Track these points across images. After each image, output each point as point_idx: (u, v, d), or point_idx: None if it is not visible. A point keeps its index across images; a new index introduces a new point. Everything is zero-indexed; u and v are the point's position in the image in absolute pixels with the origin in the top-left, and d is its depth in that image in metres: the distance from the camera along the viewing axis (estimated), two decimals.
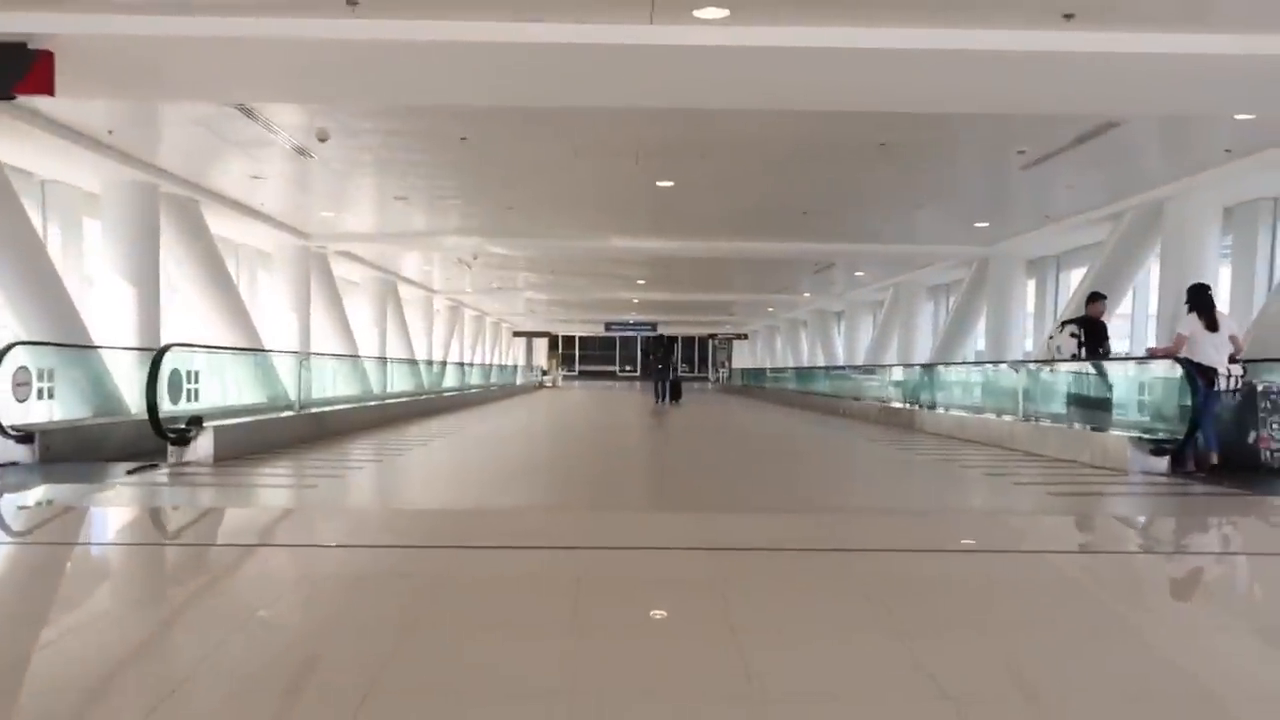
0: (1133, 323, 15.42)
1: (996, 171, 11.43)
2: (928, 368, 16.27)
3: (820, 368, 30.14)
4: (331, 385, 14.66)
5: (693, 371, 62.18)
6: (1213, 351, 8.29)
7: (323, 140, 10.25)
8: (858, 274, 24.23)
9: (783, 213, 14.87)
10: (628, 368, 62.31)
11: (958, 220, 15.41)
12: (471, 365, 34.68)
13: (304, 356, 13.15)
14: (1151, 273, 14.12)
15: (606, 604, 3.43)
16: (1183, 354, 8.36)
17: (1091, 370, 10.14)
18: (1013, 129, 9.40)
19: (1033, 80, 6.91)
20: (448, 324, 33.49)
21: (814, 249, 19.13)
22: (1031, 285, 19.07)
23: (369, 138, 10.55)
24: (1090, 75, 6.69)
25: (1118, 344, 13.09)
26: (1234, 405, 8.53)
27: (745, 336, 52.79)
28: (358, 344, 20.69)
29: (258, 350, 13.92)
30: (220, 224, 14.79)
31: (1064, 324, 10.48)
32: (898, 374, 18.24)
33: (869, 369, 21.87)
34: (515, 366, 46.35)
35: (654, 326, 48.71)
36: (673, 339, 28.17)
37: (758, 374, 40.09)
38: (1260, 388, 8.49)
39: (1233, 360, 8.32)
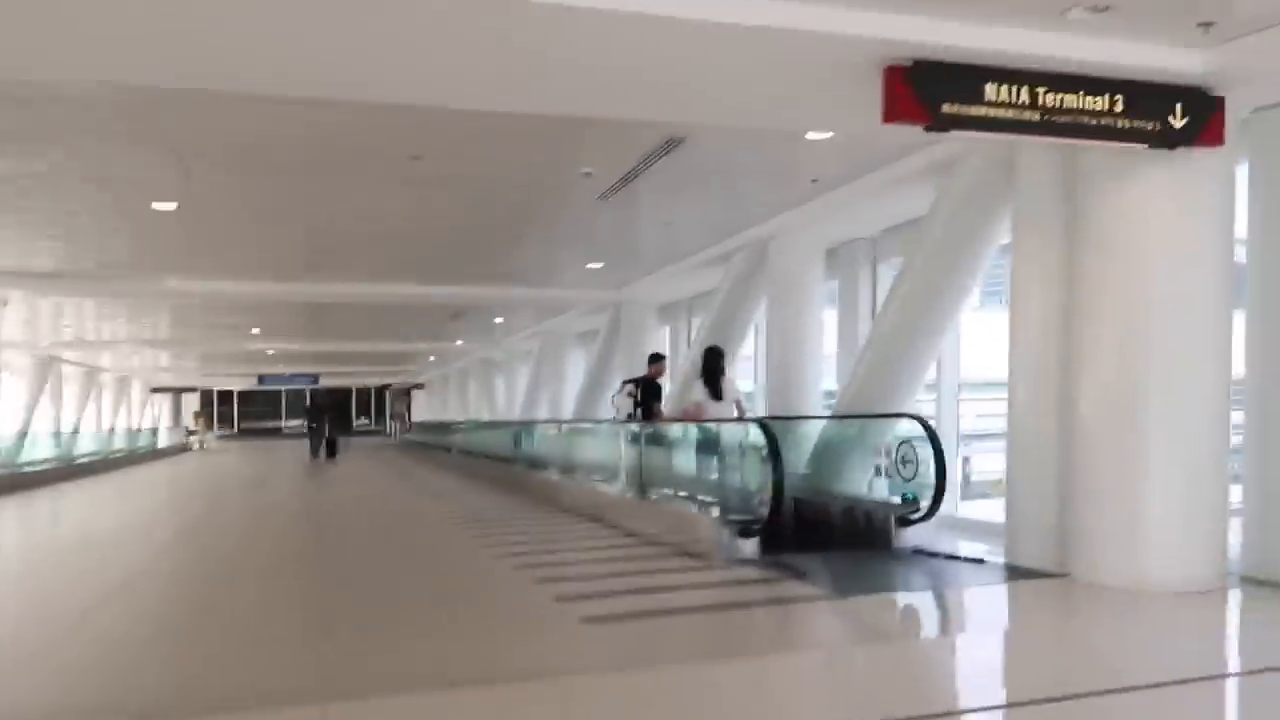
0: (755, 367, 14.60)
1: (576, 201, 9.79)
2: (527, 425, 14.72)
3: (462, 424, 28.40)
4: None
5: (373, 424, 58.48)
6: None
7: None
8: (496, 321, 22.46)
9: (369, 248, 12.61)
10: (294, 422, 57.13)
11: (568, 261, 13.90)
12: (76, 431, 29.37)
13: None
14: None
15: None
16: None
17: (681, 433, 8.81)
18: (571, 145, 7.74)
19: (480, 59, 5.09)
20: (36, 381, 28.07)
21: (442, 293, 17.09)
22: (666, 333, 18.10)
23: None
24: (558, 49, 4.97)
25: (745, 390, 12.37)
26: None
27: (422, 386, 50.04)
28: None
29: None
30: None
31: (624, 383, 9.76)
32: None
33: (490, 424, 20.39)
34: (155, 429, 41.04)
35: (315, 379, 44.84)
36: (331, 394, 25.93)
37: (435, 427, 37.77)
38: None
39: None
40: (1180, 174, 5.80)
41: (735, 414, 7.87)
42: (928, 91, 5.01)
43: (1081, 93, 5.29)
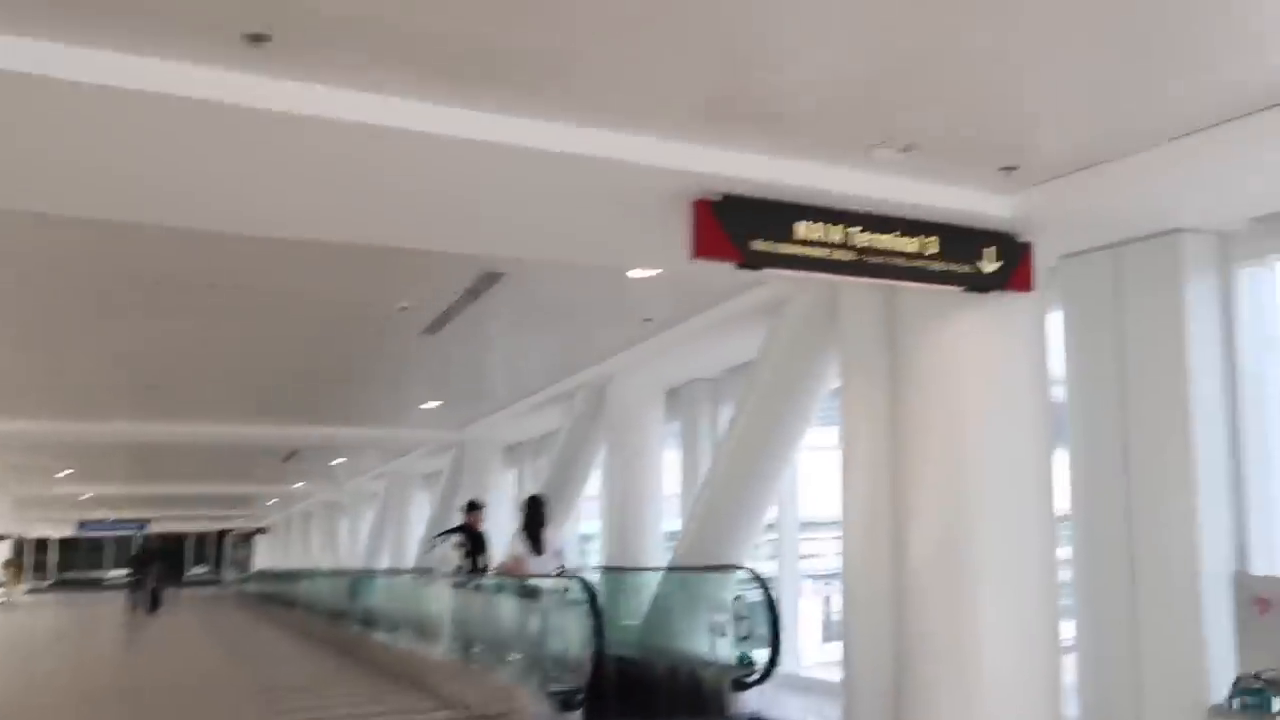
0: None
1: (398, 337, 9.25)
2: (359, 577, 13.73)
3: (302, 573, 26.60)
4: None
5: (214, 571, 54.50)
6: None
7: None
8: (335, 462, 21.32)
9: (181, 383, 11.66)
10: (119, 573, 52.56)
11: (402, 399, 13.24)
12: None
13: None
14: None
15: None
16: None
17: (502, 590, 8.14)
18: (380, 276, 7.26)
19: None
20: None
21: (271, 433, 16.06)
22: (513, 475, 17.42)
23: None
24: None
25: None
26: None
27: (265, 530, 47.12)
28: None
29: None
30: None
31: (445, 533, 9.13)
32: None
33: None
34: None
35: (144, 524, 41.67)
36: (163, 540, 24.13)
37: (275, 576, 35.24)
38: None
39: None
40: (995, 317, 5.75)
41: (556, 564, 7.28)
42: (738, 227, 4.80)
43: (895, 234, 5.19)
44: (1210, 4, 3.41)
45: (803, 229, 4.94)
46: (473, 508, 10.23)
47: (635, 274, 7.10)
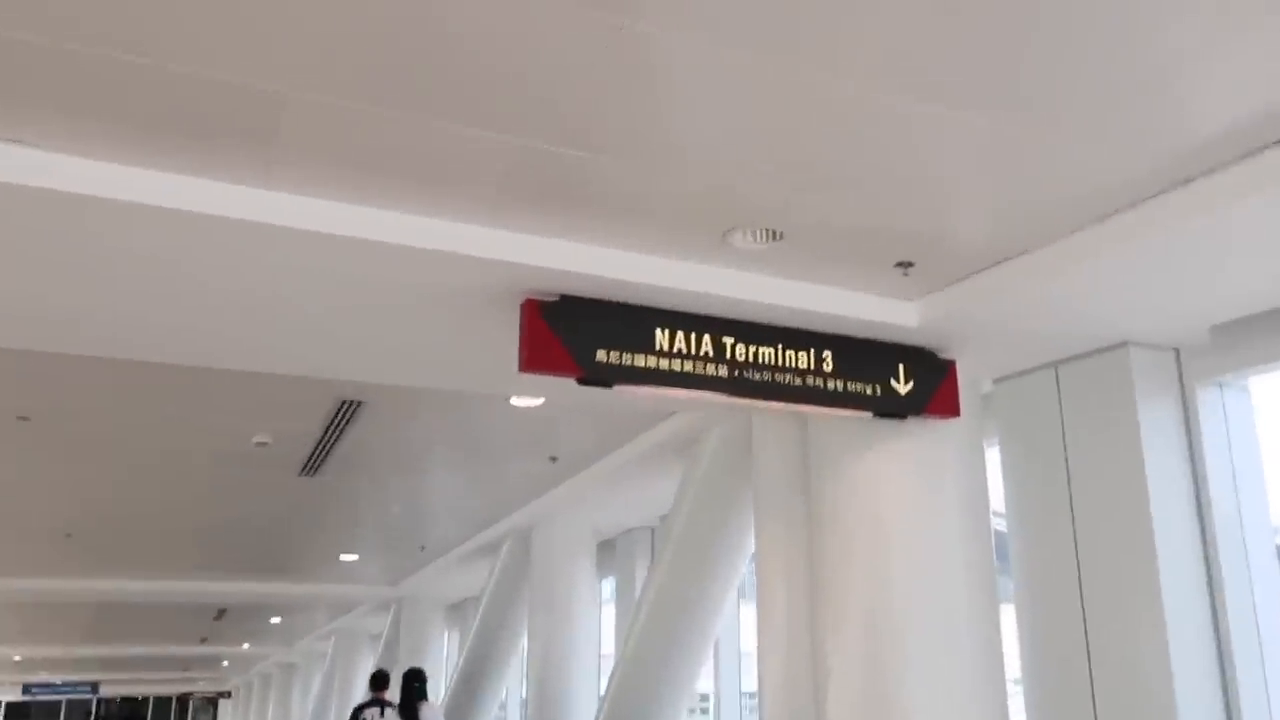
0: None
1: (271, 478, 8.23)
2: None
3: None
4: None
5: None
6: None
7: None
8: (273, 620, 19.85)
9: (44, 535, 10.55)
10: None
11: (316, 550, 12.08)
12: None
13: None
14: None
15: None
16: None
17: None
18: (231, 405, 6.34)
19: None
20: None
21: (194, 589, 14.80)
22: (457, 636, 16.04)
23: None
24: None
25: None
26: None
27: (229, 695, 44.57)
28: None
29: None
30: None
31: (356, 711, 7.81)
32: None
33: None
34: None
35: (94, 686, 39.38)
36: (127, 705, 22.75)
37: None
38: None
39: None
40: (919, 448, 4.84)
41: None
42: (577, 334, 3.93)
43: (780, 345, 4.33)
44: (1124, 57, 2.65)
45: (662, 338, 4.08)
46: (378, 683, 8.99)
47: (519, 402, 6.20)
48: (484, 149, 3.13)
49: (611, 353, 3.96)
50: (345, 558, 12.42)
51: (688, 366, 4.10)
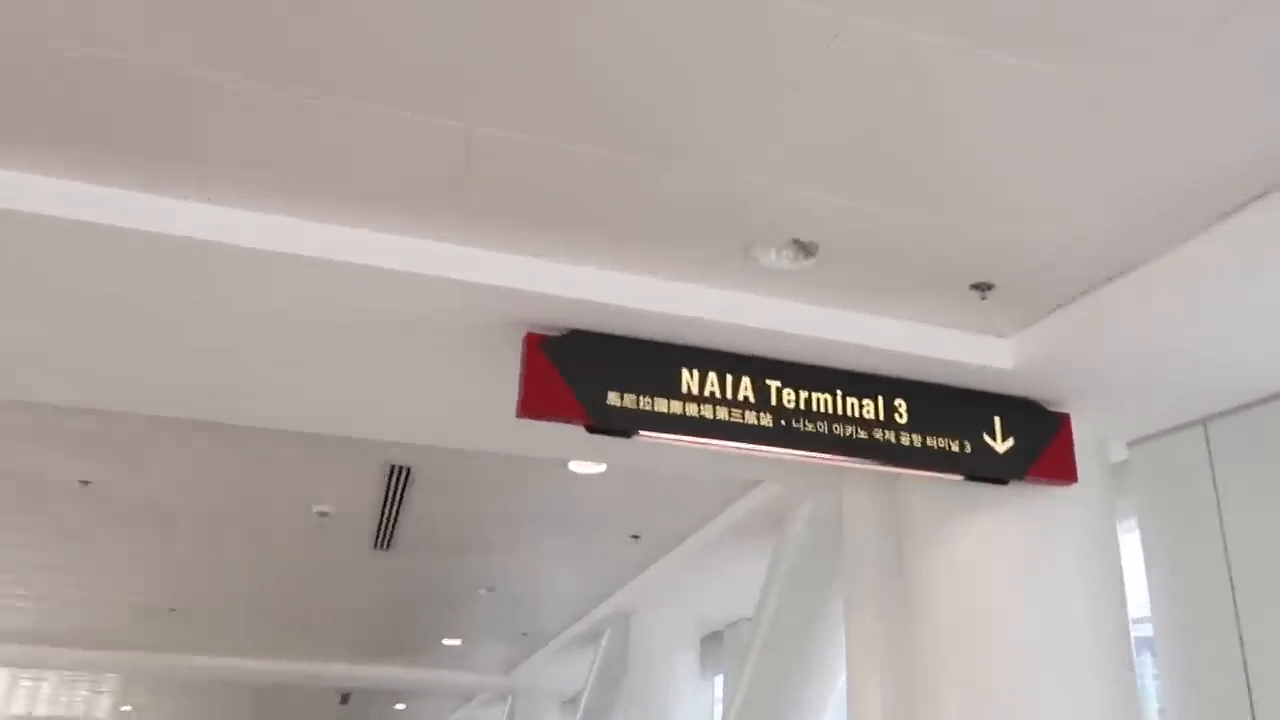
0: None
1: (343, 553, 7.80)
2: None
3: None
4: None
5: None
6: None
7: None
8: (398, 707, 19.55)
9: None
10: None
11: (412, 632, 11.60)
12: None
13: None
14: None
15: None
16: None
17: None
18: (293, 471, 5.98)
19: None
20: None
21: (309, 670, 14.67)
22: None
23: None
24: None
25: None
26: None
27: None
28: None
29: None
30: None
31: None
32: None
33: None
34: None
35: None
36: None
37: None
38: None
39: None
40: (1031, 521, 3.96)
41: None
42: (585, 374, 3.34)
43: (839, 391, 3.60)
44: None
45: (690, 379, 3.44)
46: None
47: (578, 468, 5.61)
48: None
49: (626, 396, 3.34)
50: (448, 642, 11.96)
51: (722, 413, 3.43)
